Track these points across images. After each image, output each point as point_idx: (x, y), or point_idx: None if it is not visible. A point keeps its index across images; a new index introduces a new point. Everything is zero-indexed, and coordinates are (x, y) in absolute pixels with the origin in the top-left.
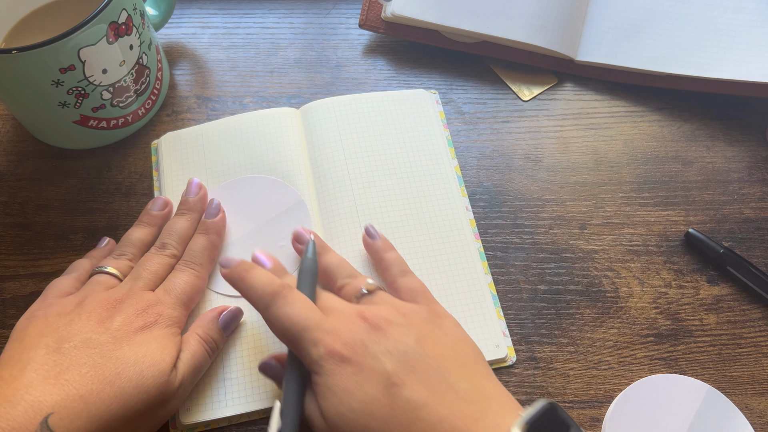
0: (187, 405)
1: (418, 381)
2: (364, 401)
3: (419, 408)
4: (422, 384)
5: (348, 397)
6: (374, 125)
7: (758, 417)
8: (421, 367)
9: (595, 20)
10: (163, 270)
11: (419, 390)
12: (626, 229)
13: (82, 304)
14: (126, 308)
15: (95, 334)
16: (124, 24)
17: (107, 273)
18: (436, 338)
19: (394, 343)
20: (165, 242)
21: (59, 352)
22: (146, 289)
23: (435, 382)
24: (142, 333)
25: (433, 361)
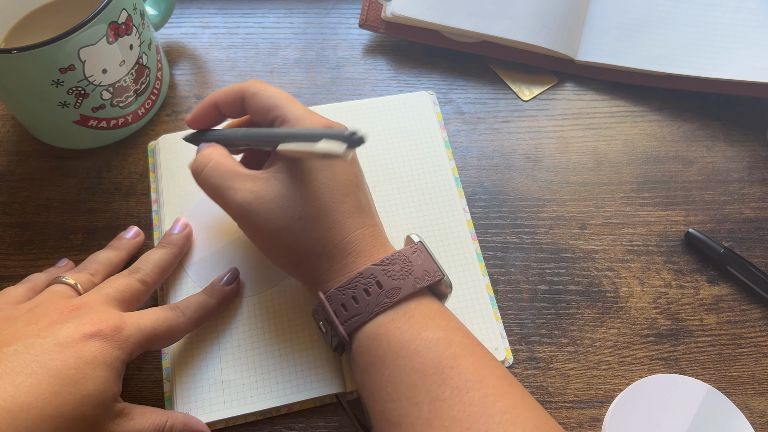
0: (185, 408)
1: (366, 193)
2: (338, 176)
3: (363, 209)
4: (367, 197)
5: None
6: (374, 128)
7: (758, 417)
8: (366, 188)
9: (595, 20)
10: (130, 293)
11: (366, 198)
12: (626, 229)
13: (34, 310)
14: (83, 316)
15: (40, 338)
16: (124, 24)
17: (66, 283)
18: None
19: (355, 158)
20: (139, 267)
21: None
22: (108, 304)
23: (371, 203)
24: (92, 348)
25: (367, 191)
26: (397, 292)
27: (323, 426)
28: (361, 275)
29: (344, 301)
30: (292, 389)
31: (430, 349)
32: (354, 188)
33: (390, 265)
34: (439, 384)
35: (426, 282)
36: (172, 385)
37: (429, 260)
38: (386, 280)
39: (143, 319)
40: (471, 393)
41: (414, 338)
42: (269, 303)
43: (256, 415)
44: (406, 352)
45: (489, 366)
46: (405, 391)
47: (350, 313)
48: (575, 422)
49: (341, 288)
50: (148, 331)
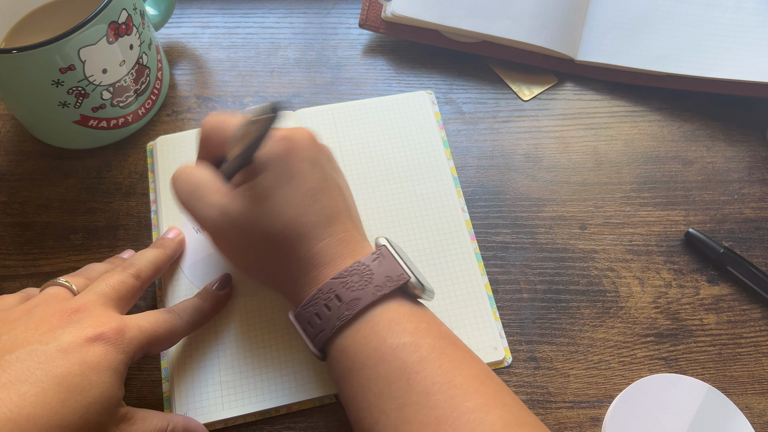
0: (184, 408)
1: (334, 197)
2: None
3: (330, 218)
4: (336, 201)
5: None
6: (372, 128)
7: (758, 417)
8: (334, 191)
9: (595, 20)
10: (125, 290)
11: (334, 203)
12: (626, 228)
13: (31, 312)
14: (83, 319)
15: (42, 344)
16: (124, 24)
17: (61, 285)
18: (342, 178)
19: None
20: (132, 263)
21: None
22: (106, 305)
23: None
24: (96, 352)
25: (341, 192)
26: (356, 303)
27: (323, 426)
28: (321, 290)
29: (309, 319)
30: (291, 389)
31: (395, 355)
32: (319, 195)
33: (349, 276)
34: (405, 390)
35: (388, 288)
36: (171, 386)
37: (393, 264)
38: (345, 292)
39: (143, 321)
40: (437, 396)
41: (379, 347)
42: (267, 303)
43: (255, 416)
44: (372, 361)
45: (460, 366)
46: (373, 400)
47: (316, 330)
48: (575, 422)
49: (305, 306)
50: (149, 333)
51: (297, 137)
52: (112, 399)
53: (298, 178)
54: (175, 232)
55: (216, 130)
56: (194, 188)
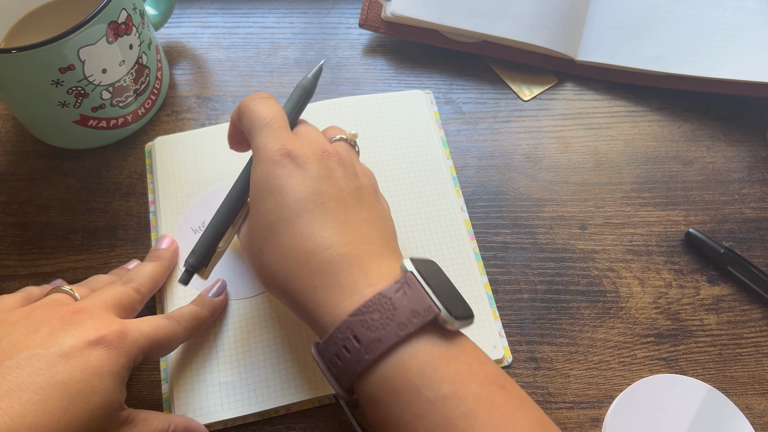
0: (183, 410)
1: (337, 208)
2: (284, 197)
3: (326, 225)
4: (340, 212)
5: (274, 190)
6: (370, 128)
7: (759, 417)
8: (348, 203)
9: (595, 20)
10: (127, 300)
11: (335, 214)
12: (626, 229)
13: (32, 314)
14: (84, 322)
15: (43, 348)
16: (123, 24)
17: (64, 292)
18: (372, 199)
19: (337, 177)
20: (132, 278)
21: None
22: (107, 310)
23: (352, 218)
24: (98, 356)
25: (360, 206)
26: (377, 346)
27: (323, 426)
28: (339, 330)
29: (331, 359)
30: (291, 390)
31: (435, 411)
32: (311, 206)
33: (368, 313)
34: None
35: (414, 326)
36: (170, 387)
37: (419, 296)
38: (364, 333)
39: (143, 325)
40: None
41: (415, 400)
42: (267, 304)
43: (255, 416)
44: (408, 416)
45: (512, 418)
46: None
47: (339, 370)
48: (575, 422)
49: (325, 345)
50: (150, 337)
51: (303, 149)
52: (114, 404)
53: (288, 186)
54: (168, 241)
55: (244, 116)
56: None
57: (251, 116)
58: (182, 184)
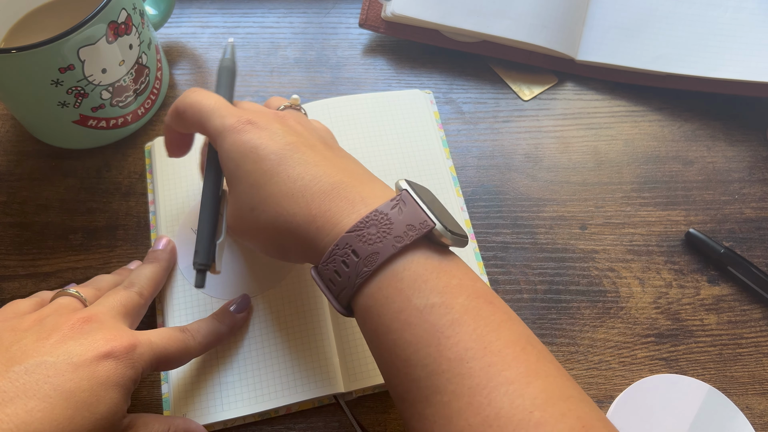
0: (183, 410)
1: (313, 152)
2: (261, 153)
3: (310, 164)
4: (317, 154)
5: (248, 152)
6: (370, 127)
7: (759, 417)
8: (319, 147)
9: (595, 20)
10: (132, 306)
11: (314, 156)
12: (627, 229)
13: (43, 321)
14: (95, 332)
15: (52, 356)
16: (123, 23)
17: (72, 295)
18: (338, 146)
19: (300, 132)
20: (133, 282)
21: (6, 377)
22: (116, 318)
23: (329, 157)
24: (106, 368)
25: (331, 150)
26: (375, 258)
27: (323, 426)
28: (337, 246)
29: (330, 276)
30: (291, 390)
31: (423, 318)
32: (290, 152)
33: (365, 228)
34: (435, 357)
35: (409, 238)
36: (170, 387)
37: (414, 211)
38: (362, 246)
39: (155, 337)
40: (471, 363)
41: (404, 308)
42: (267, 304)
43: (255, 416)
44: (398, 324)
45: (498, 329)
46: (402, 367)
47: (338, 287)
48: None
49: (324, 263)
50: (159, 351)
51: (259, 111)
52: (118, 414)
53: (262, 141)
54: (164, 241)
55: (192, 109)
56: None
57: (196, 108)
58: (182, 184)
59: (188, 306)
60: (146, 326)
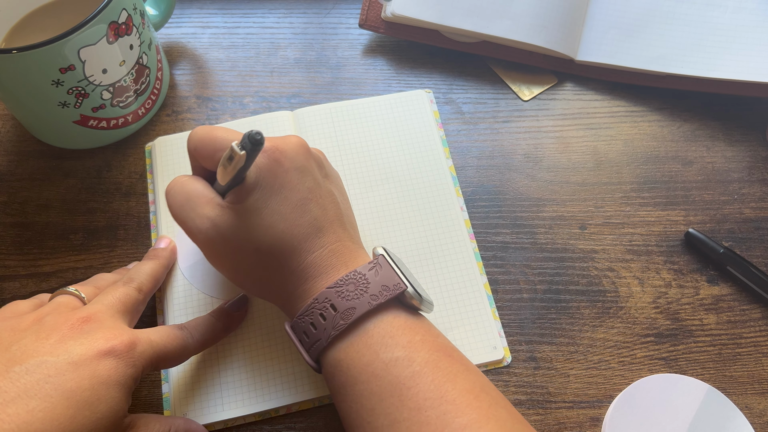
0: (183, 410)
1: (324, 207)
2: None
3: (320, 229)
4: (327, 211)
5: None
6: (370, 127)
7: (758, 417)
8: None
9: (595, 20)
10: (131, 302)
11: (325, 214)
12: (626, 228)
13: (42, 321)
14: (95, 331)
15: (52, 356)
16: (124, 24)
17: (71, 293)
18: (339, 187)
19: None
20: (132, 277)
21: (6, 377)
22: (115, 317)
23: (333, 217)
24: (106, 366)
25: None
26: (351, 313)
27: (323, 426)
28: (316, 300)
29: (305, 329)
30: (291, 390)
31: (387, 370)
32: (309, 205)
33: (344, 285)
34: (397, 406)
35: (384, 297)
36: (170, 387)
37: (389, 274)
38: (340, 301)
39: (154, 335)
40: (428, 412)
41: (371, 361)
42: (267, 304)
43: (255, 416)
44: (365, 376)
45: (454, 379)
46: (366, 416)
47: (311, 340)
48: (575, 422)
49: (300, 316)
50: (159, 348)
51: (285, 147)
52: (119, 413)
53: (287, 189)
54: (166, 241)
55: (203, 143)
56: (186, 199)
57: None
58: None
59: (188, 305)
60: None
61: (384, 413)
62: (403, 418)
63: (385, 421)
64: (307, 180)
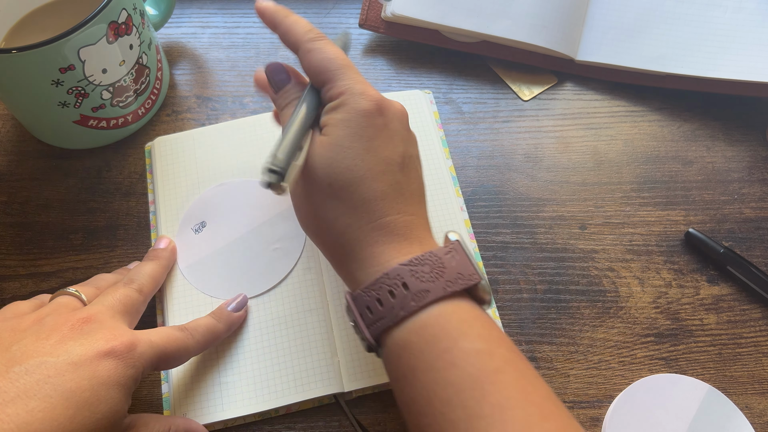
0: (184, 409)
1: (409, 178)
2: (377, 150)
3: (401, 192)
4: (411, 182)
5: (369, 139)
6: None
7: (758, 417)
8: (414, 173)
9: (595, 20)
10: (131, 303)
11: (409, 183)
12: (626, 228)
13: (42, 321)
14: (95, 332)
15: (52, 356)
16: (123, 24)
17: (71, 294)
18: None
19: (407, 140)
20: (133, 278)
21: (6, 377)
22: (115, 318)
23: (416, 190)
24: (106, 367)
25: (419, 178)
26: (425, 295)
27: (323, 426)
28: (387, 275)
29: (369, 304)
30: (291, 390)
31: (468, 361)
32: (394, 167)
33: (419, 265)
34: (478, 400)
35: (459, 285)
36: (170, 387)
37: (465, 262)
38: (413, 281)
39: (155, 336)
40: (514, 411)
41: (450, 348)
42: (267, 304)
43: (255, 416)
44: (442, 363)
45: (534, 383)
46: (439, 407)
47: (375, 316)
48: None
49: (366, 289)
50: (159, 349)
51: (391, 108)
52: (119, 414)
53: (378, 141)
54: (165, 241)
55: (320, 54)
56: None
57: (325, 55)
58: (182, 184)
59: (188, 306)
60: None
61: (462, 405)
62: (485, 414)
63: (462, 414)
64: (399, 145)
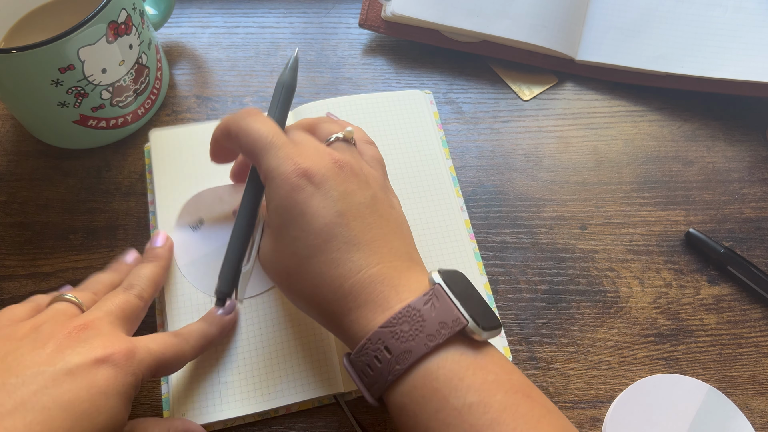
0: (183, 410)
1: (361, 227)
2: (310, 224)
3: (353, 248)
4: (364, 231)
5: (298, 217)
6: (369, 127)
7: (759, 417)
8: (368, 219)
9: (595, 20)
10: (130, 309)
11: (359, 234)
12: (627, 228)
13: (39, 329)
14: (92, 339)
15: (49, 365)
16: (123, 23)
17: (69, 300)
18: (386, 206)
19: (353, 191)
20: (132, 283)
21: (2, 389)
22: (113, 324)
23: (376, 236)
24: (104, 375)
25: (380, 219)
26: (407, 357)
27: (323, 426)
28: (370, 341)
29: (362, 369)
30: (291, 390)
31: (461, 418)
32: (338, 229)
33: (398, 324)
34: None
35: (442, 337)
36: (170, 387)
37: (447, 308)
38: (394, 343)
39: (152, 343)
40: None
41: (442, 408)
42: (267, 304)
43: (255, 416)
44: (436, 424)
45: (538, 426)
46: None
47: (370, 380)
48: (575, 422)
49: (357, 355)
50: (158, 356)
51: (320, 166)
52: (119, 423)
53: (312, 210)
54: (162, 237)
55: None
56: None
57: (249, 137)
58: (182, 184)
59: (188, 305)
60: (145, 325)
61: None
62: None
63: None
64: (337, 203)
